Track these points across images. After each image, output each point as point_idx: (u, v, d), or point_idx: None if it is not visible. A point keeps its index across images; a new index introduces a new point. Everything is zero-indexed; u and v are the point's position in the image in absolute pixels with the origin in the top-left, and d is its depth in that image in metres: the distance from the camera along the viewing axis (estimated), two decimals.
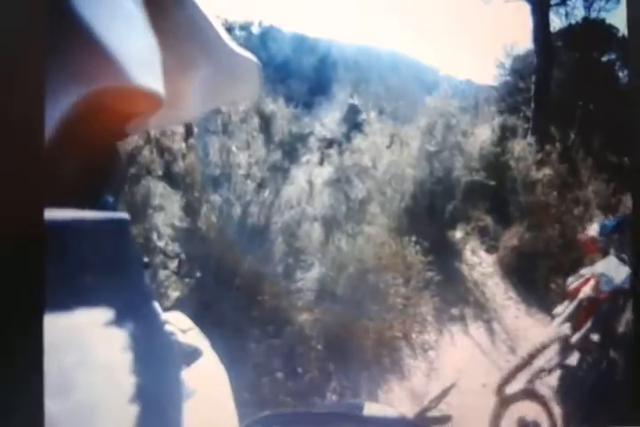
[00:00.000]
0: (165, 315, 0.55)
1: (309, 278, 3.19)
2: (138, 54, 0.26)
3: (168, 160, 4.19)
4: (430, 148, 4.83)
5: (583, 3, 8.43)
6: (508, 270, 4.37)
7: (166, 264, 3.25)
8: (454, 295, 3.84)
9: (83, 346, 0.22)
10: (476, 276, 4.27)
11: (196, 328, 0.58)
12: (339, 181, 4.41)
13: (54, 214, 0.23)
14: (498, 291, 4.12)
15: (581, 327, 2.82)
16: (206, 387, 0.47)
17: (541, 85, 6.87)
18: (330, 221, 3.56)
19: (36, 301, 0.21)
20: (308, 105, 9.53)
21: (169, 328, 0.53)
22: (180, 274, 3.23)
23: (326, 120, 8.05)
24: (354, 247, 3.29)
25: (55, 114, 0.23)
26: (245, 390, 2.43)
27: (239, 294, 3.11)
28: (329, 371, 2.85)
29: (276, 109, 5.08)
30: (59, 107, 0.23)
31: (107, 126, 0.28)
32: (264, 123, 4.65)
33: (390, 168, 4.64)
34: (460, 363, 3.13)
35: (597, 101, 7.47)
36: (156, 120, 0.33)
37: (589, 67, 7.84)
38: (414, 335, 3.33)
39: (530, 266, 4.20)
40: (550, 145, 5.41)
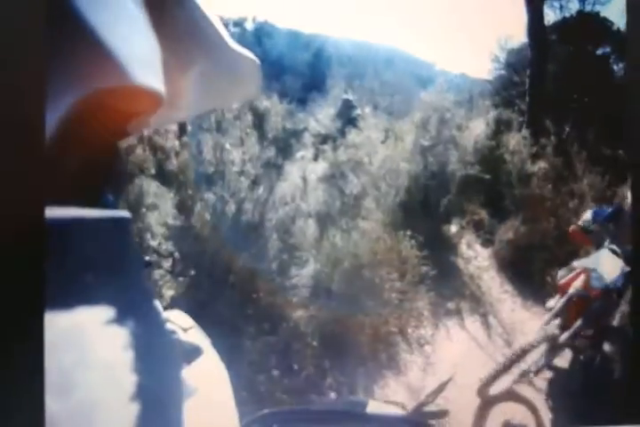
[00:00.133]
0: (166, 313, 0.57)
1: (304, 275, 3.18)
2: (139, 54, 0.26)
3: (161, 158, 4.18)
4: (425, 142, 4.82)
5: None
6: (503, 264, 4.36)
7: (160, 263, 3.24)
8: (450, 289, 3.84)
9: (83, 345, 0.22)
10: (472, 269, 4.27)
11: (196, 327, 0.59)
12: (333, 177, 4.41)
13: (55, 213, 0.23)
14: (494, 284, 4.12)
15: (571, 324, 2.74)
16: (207, 385, 0.47)
17: (536, 79, 6.85)
18: (324, 217, 3.56)
19: (36, 300, 0.21)
20: (302, 101, 9.54)
21: (170, 327, 0.55)
22: (175, 273, 3.23)
23: (320, 116, 8.03)
24: (348, 243, 3.28)
25: (56, 113, 0.23)
26: (242, 389, 2.43)
27: (234, 292, 3.10)
28: (325, 367, 2.85)
29: (270, 106, 5.08)
30: (60, 106, 0.23)
31: (108, 125, 0.28)
32: (258, 119, 4.65)
33: (385, 163, 4.63)
34: (457, 357, 3.13)
35: (592, 95, 7.46)
36: (156, 119, 0.33)
37: (584, 60, 7.82)
38: (410, 330, 3.32)
39: (525, 259, 4.19)
40: (545, 138, 5.41)
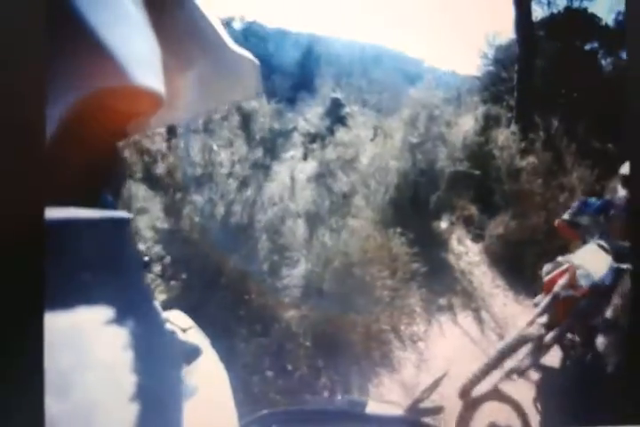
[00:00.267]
0: (166, 314, 0.58)
1: (295, 275, 3.17)
2: (139, 54, 0.26)
3: (148, 162, 4.16)
4: (413, 139, 4.83)
5: None
6: (494, 259, 4.38)
7: (151, 268, 3.23)
8: (442, 286, 3.84)
9: (83, 345, 0.22)
10: (463, 265, 4.28)
11: (195, 327, 0.60)
12: (322, 176, 4.40)
13: (55, 213, 0.23)
14: (485, 280, 4.13)
15: (558, 323, 2.65)
16: (206, 385, 0.48)
17: (524, 75, 6.87)
18: (313, 217, 3.55)
19: (35, 300, 0.21)
20: (291, 100, 9.53)
21: (169, 327, 0.55)
22: (166, 277, 3.21)
23: (309, 115, 8.03)
24: (338, 242, 3.27)
25: (56, 113, 0.23)
26: (237, 390, 2.41)
27: (226, 294, 3.09)
28: (319, 367, 2.84)
29: (258, 106, 5.06)
30: (60, 106, 0.23)
31: (107, 126, 0.28)
32: (246, 120, 4.62)
33: (374, 161, 4.63)
34: (450, 353, 3.13)
35: (580, 90, 7.49)
36: (156, 119, 0.33)
37: (572, 56, 7.86)
38: (403, 327, 3.32)
39: (516, 254, 4.20)
40: (534, 133, 5.42)
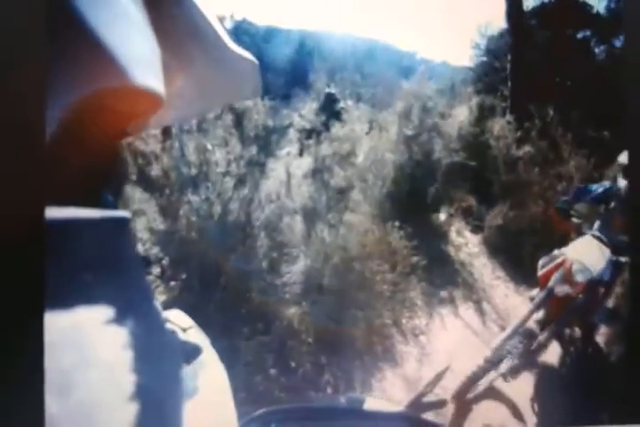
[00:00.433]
0: (166, 313, 0.58)
1: (295, 272, 3.17)
2: (138, 54, 0.26)
3: (142, 164, 4.15)
4: (408, 132, 4.81)
5: None
6: (494, 250, 4.37)
7: (150, 270, 3.22)
8: (442, 278, 3.84)
9: (83, 344, 0.22)
10: (463, 257, 4.27)
11: (196, 326, 0.60)
12: (319, 171, 4.39)
13: (55, 213, 0.23)
14: (485, 271, 4.12)
15: (555, 318, 2.57)
16: (206, 385, 0.48)
17: (517, 64, 6.86)
18: (311, 213, 3.54)
19: (36, 300, 0.21)
20: (285, 97, 9.51)
21: (169, 326, 0.55)
22: (165, 277, 3.21)
23: (304, 111, 8.01)
24: (337, 237, 3.27)
25: (56, 114, 0.23)
26: (239, 389, 2.42)
27: (226, 293, 3.08)
28: (321, 363, 2.84)
29: (252, 104, 5.04)
30: (60, 106, 0.23)
31: (107, 126, 0.28)
32: (240, 118, 4.61)
33: (370, 154, 4.62)
34: (452, 346, 3.13)
35: (574, 78, 7.47)
36: (156, 120, 0.34)
37: (564, 44, 7.83)
38: (404, 321, 3.32)
39: (516, 244, 4.20)
40: (529, 122, 5.40)
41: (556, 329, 2.58)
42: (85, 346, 0.22)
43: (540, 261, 2.78)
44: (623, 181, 2.65)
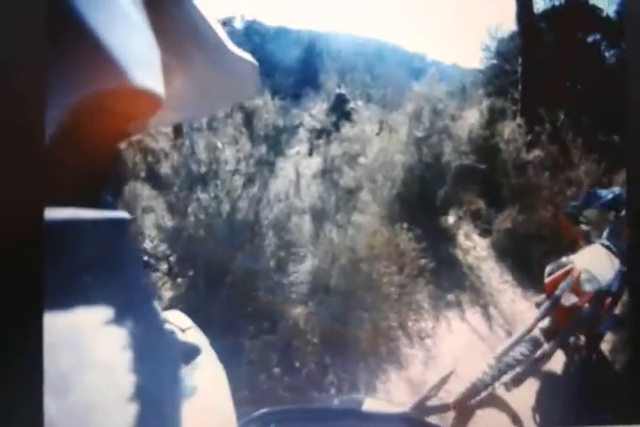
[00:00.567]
0: (165, 314, 0.57)
1: (302, 271, 3.16)
2: (138, 55, 0.26)
3: (152, 161, 4.16)
4: (419, 133, 4.80)
5: None
6: (502, 254, 4.35)
7: (158, 266, 3.23)
8: (449, 281, 3.83)
9: (82, 345, 0.22)
10: (471, 260, 4.25)
11: (195, 327, 0.60)
12: (328, 172, 4.39)
13: (54, 214, 0.23)
14: (493, 275, 4.10)
15: (560, 328, 2.51)
16: (205, 385, 0.48)
17: (527, 67, 6.84)
18: (319, 213, 3.53)
19: (35, 300, 0.21)
20: (296, 97, 9.53)
21: (168, 327, 0.55)
22: (172, 275, 3.22)
23: (314, 111, 8.01)
24: (345, 238, 3.26)
25: (56, 114, 0.23)
26: (243, 388, 2.42)
27: (232, 291, 3.08)
28: (326, 364, 2.83)
29: (263, 103, 5.05)
30: (59, 107, 0.23)
31: (107, 127, 0.28)
32: (250, 117, 4.62)
33: (380, 155, 4.61)
34: (458, 350, 3.11)
35: (584, 82, 7.44)
36: (155, 120, 0.33)
37: (575, 48, 7.80)
38: (410, 324, 3.31)
39: (524, 248, 4.17)
40: (540, 126, 5.38)
41: (561, 339, 2.53)
42: (84, 347, 0.22)
43: (548, 268, 2.73)
44: None
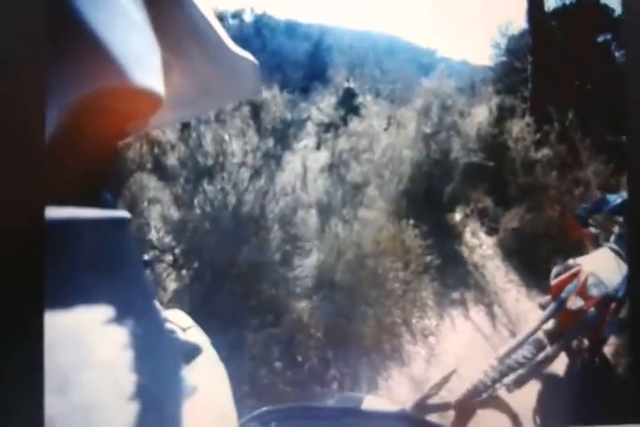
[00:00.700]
0: (165, 313, 0.57)
1: (307, 265, 3.16)
2: (138, 54, 0.26)
3: (159, 153, 4.15)
4: (427, 129, 4.78)
5: None
6: (508, 252, 4.33)
7: (163, 257, 3.23)
8: (454, 279, 3.82)
9: (83, 344, 0.22)
10: (477, 258, 4.24)
11: (195, 326, 0.59)
12: (336, 166, 4.38)
13: (55, 213, 0.23)
14: (498, 274, 4.09)
15: (564, 331, 2.50)
16: (206, 385, 0.48)
17: (537, 65, 6.81)
18: (326, 207, 3.53)
19: (35, 300, 0.21)
20: (304, 90, 9.50)
21: (169, 326, 0.55)
22: (177, 266, 3.22)
23: (323, 105, 7.98)
24: (351, 233, 3.25)
25: (55, 114, 0.23)
26: (245, 381, 2.43)
27: (237, 284, 3.08)
28: (328, 359, 2.84)
29: (271, 96, 5.05)
30: (59, 107, 0.23)
31: (107, 127, 0.27)
32: (257, 110, 4.61)
33: (387, 151, 4.60)
34: (461, 348, 3.11)
35: (594, 81, 7.39)
36: (156, 120, 0.33)
37: (585, 47, 7.75)
38: (414, 321, 3.30)
39: (530, 247, 4.16)
40: (548, 125, 5.36)
41: (565, 342, 2.52)
42: (85, 346, 0.22)
43: (554, 270, 2.71)
44: None
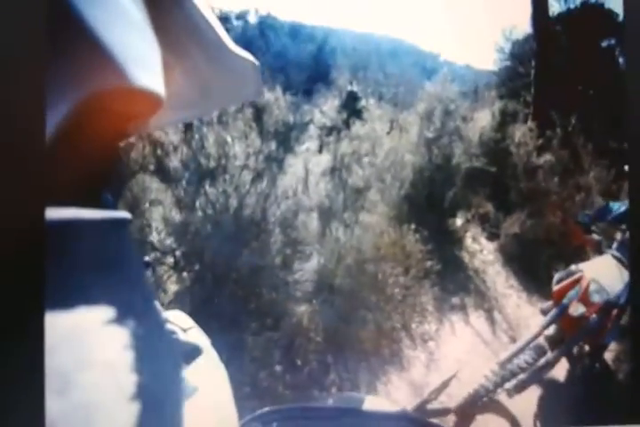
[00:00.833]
0: (166, 314, 0.58)
1: (307, 269, 3.16)
2: (138, 55, 0.26)
3: (162, 154, 4.16)
4: (429, 134, 4.78)
5: None
6: (509, 258, 4.33)
7: (164, 259, 3.24)
8: (455, 284, 3.82)
9: (83, 345, 0.22)
10: (477, 264, 4.24)
11: (196, 327, 0.60)
12: (337, 170, 4.38)
13: (55, 213, 0.23)
14: (499, 279, 4.09)
15: (565, 337, 2.50)
16: (207, 385, 0.48)
17: (541, 70, 6.80)
18: (327, 211, 3.53)
19: (36, 300, 0.21)
20: (307, 93, 9.50)
21: (170, 327, 0.55)
22: (177, 268, 3.22)
23: (326, 108, 7.99)
24: (351, 237, 3.25)
25: (56, 114, 0.23)
26: (246, 383, 2.43)
27: (237, 287, 3.09)
28: (328, 363, 2.83)
29: (274, 98, 5.04)
30: (59, 107, 0.23)
31: (107, 127, 0.27)
32: (260, 113, 4.60)
33: (390, 155, 4.60)
34: (461, 353, 3.11)
35: (597, 87, 7.39)
36: (157, 120, 0.33)
37: (589, 52, 7.74)
38: (414, 326, 3.30)
39: (531, 253, 4.16)
40: (551, 131, 5.35)
41: (566, 348, 2.52)
42: (86, 346, 0.22)
43: (556, 276, 2.71)
44: None
